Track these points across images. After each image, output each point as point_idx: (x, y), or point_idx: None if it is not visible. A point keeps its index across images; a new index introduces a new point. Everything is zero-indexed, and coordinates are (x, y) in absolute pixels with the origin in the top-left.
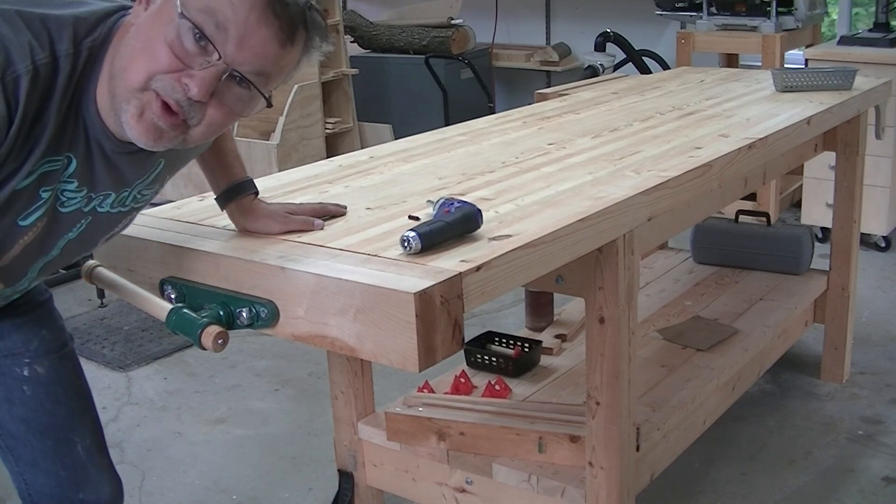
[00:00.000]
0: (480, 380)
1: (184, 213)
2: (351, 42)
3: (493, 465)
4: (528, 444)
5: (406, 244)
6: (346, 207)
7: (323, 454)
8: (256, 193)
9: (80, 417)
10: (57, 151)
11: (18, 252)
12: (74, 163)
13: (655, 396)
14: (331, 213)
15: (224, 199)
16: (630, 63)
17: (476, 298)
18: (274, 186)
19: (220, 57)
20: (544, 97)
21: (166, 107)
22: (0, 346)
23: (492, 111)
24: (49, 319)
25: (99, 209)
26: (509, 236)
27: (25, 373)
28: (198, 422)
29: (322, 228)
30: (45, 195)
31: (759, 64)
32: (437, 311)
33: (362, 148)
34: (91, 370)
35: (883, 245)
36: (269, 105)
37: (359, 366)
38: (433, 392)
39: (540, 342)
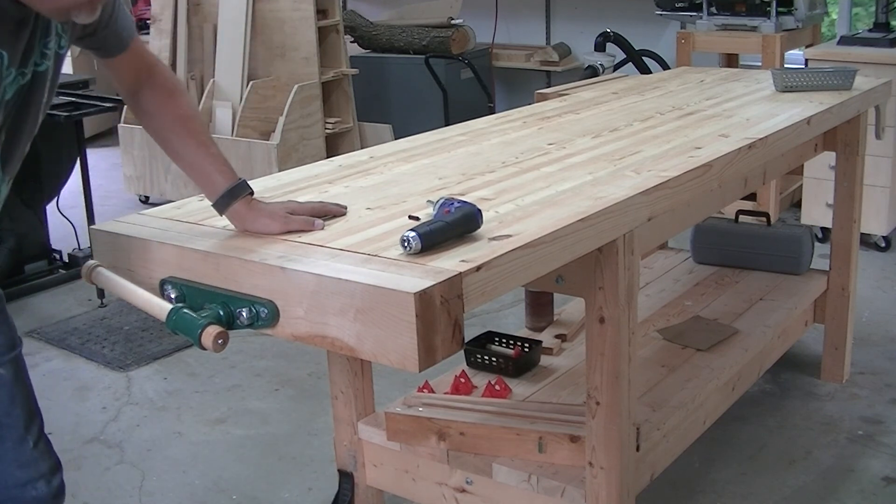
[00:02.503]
0: (480, 380)
1: (184, 213)
2: (351, 42)
3: (493, 465)
4: (528, 444)
5: (406, 244)
6: (346, 207)
7: (323, 454)
8: (252, 193)
9: (33, 417)
10: None
11: None
12: (4, 55)
13: (655, 396)
14: (331, 212)
15: (221, 205)
16: (630, 63)
17: (476, 298)
18: (274, 186)
19: None
20: (544, 97)
21: None
22: None
23: (492, 111)
24: (4, 319)
25: (25, 77)
26: (509, 236)
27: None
28: (198, 422)
29: (322, 228)
30: None
31: (759, 64)
32: (437, 311)
33: (362, 148)
34: (91, 370)
35: (883, 245)
36: None
37: (359, 366)
38: (433, 392)
39: (540, 342)
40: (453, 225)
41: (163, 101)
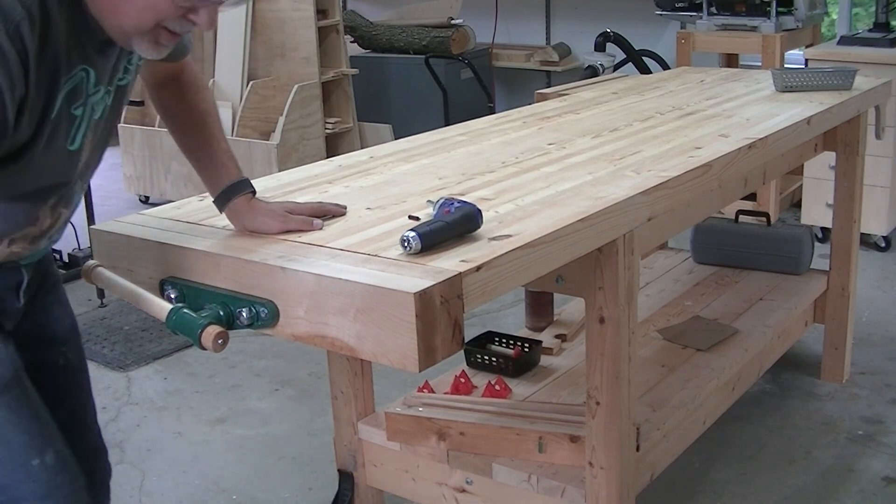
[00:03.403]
0: (480, 380)
1: (184, 213)
2: (351, 42)
3: (493, 465)
4: (528, 444)
5: (406, 244)
6: (345, 207)
7: (323, 454)
8: (254, 192)
9: (92, 401)
10: (70, 68)
11: (77, 176)
12: (92, 72)
13: (655, 396)
14: (330, 212)
15: (222, 201)
16: (630, 63)
17: (476, 298)
18: (274, 186)
19: None
20: (544, 97)
21: (176, 34)
22: (36, 326)
23: (492, 111)
24: (66, 298)
25: (109, 92)
26: (509, 236)
27: (61, 361)
28: (198, 422)
29: (321, 228)
30: (78, 112)
31: (759, 64)
32: (437, 311)
33: (362, 148)
34: (91, 370)
35: (883, 245)
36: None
37: (359, 366)
38: (433, 392)
39: (540, 342)
40: (453, 225)
41: (184, 95)
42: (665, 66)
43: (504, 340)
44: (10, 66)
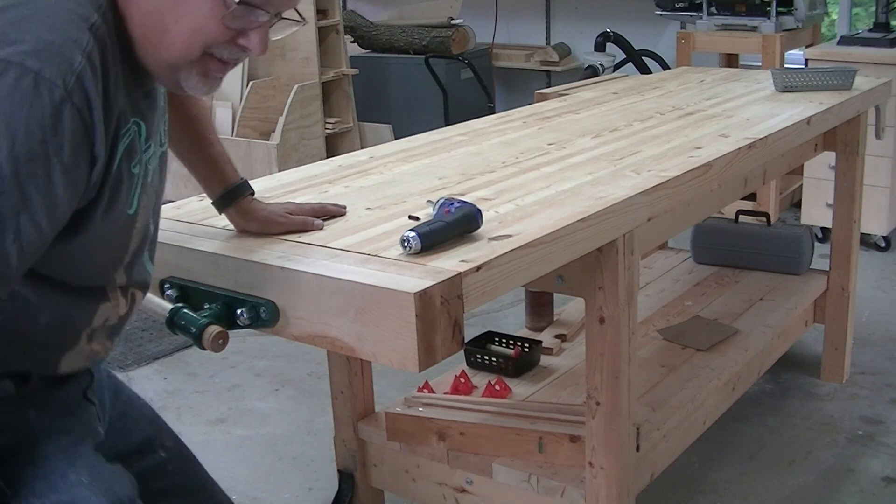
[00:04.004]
0: (480, 380)
1: (184, 213)
2: (351, 42)
3: (493, 465)
4: (528, 444)
5: (406, 244)
6: (345, 207)
7: (323, 454)
8: (252, 194)
9: (204, 470)
10: (126, 121)
11: (136, 245)
12: (143, 126)
13: (655, 396)
14: (330, 213)
15: (221, 204)
16: (630, 63)
17: (476, 298)
18: (274, 186)
19: (268, 13)
20: (544, 97)
21: (227, 63)
22: (126, 443)
23: (492, 111)
24: (123, 384)
25: (161, 155)
26: (509, 236)
27: (163, 454)
28: (198, 422)
29: (322, 228)
30: (136, 171)
31: (759, 64)
32: (437, 311)
33: (362, 148)
34: None
35: (883, 245)
36: (304, 21)
37: (359, 366)
38: (433, 392)
39: (540, 342)
40: (453, 225)
41: (173, 101)
42: (665, 66)
43: (504, 340)
44: (76, 137)
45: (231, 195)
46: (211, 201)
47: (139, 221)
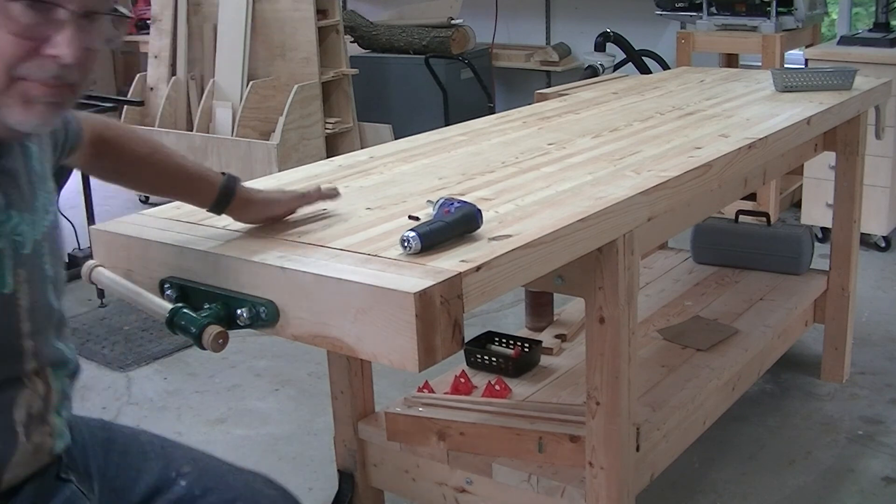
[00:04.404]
0: (480, 380)
1: (184, 213)
2: (351, 42)
3: (493, 465)
4: (528, 444)
5: (406, 244)
6: (336, 189)
7: (323, 454)
8: (239, 179)
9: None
10: None
11: (30, 326)
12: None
13: (655, 396)
14: (324, 195)
15: (220, 206)
16: (630, 63)
17: (476, 298)
18: (274, 186)
19: (67, 9)
20: (544, 97)
21: (47, 84)
22: (136, 493)
23: (492, 111)
24: (117, 430)
25: (46, 227)
26: (509, 236)
27: (183, 483)
28: (198, 422)
29: (334, 197)
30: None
31: (759, 64)
32: (437, 311)
33: (362, 148)
34: (91, 370)
35: (883, 245)
36: (129, 17)
37: (359, 366)
38: (433, 392)
39: (540, 342)
40: (453, 225)
41: (122, 149)
42: (665, 66)
43: (504, 340)
44: None
45: (226, 193)
46: (207, 209)
47: (23, 300)
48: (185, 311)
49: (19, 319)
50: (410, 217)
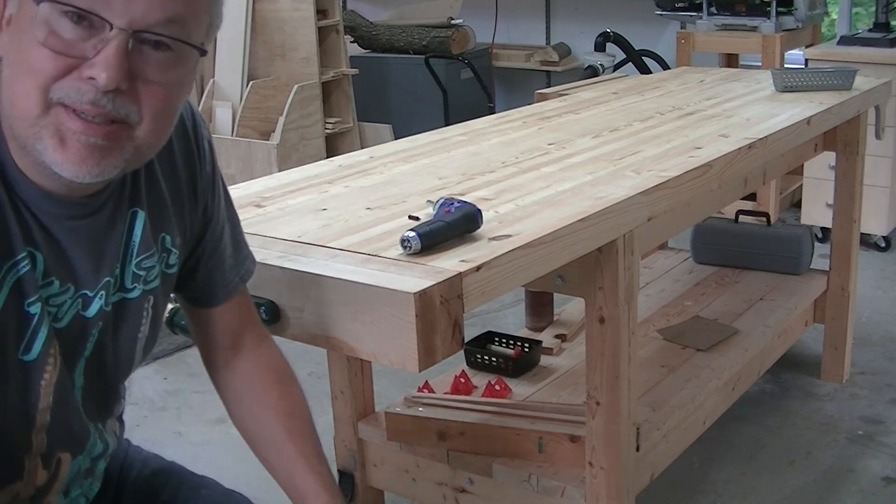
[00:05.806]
0: (480, 380)
1: None
2: (351, 42)
3: (493, 465)
4: (528, 444)
5: (406, 244)
6: None
7: None
8: None
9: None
10: (11, 252)
11: (52, 401)
12: (40, 257)
13: (655, 396)
14: None
15: None
16: (630, 63)
17: (476, 298)
18: (274, 186)
19: (112, 26)
20: (544, 97)
21: (84, 111)
22: None
23: (492, 111)
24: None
25: (104, 307)
26: (509, 236)
27: None
28: (198, 422)
29: None
30: (34, 310)
31: (759, 64)
32: (437, 311)
33: (362, 148)
34: None
35: (883, 245)
36: (203, 53)
37: (359, 366)
38: (433, 392)
39: (540, 342)
40: (453, 225)
41: (266, 386)
42: (665, 66)
43: (504, 340)
44: None
45: None
46: None
47: (50, 373)
48: None
49: (38, 390)
50: (410, 217)
